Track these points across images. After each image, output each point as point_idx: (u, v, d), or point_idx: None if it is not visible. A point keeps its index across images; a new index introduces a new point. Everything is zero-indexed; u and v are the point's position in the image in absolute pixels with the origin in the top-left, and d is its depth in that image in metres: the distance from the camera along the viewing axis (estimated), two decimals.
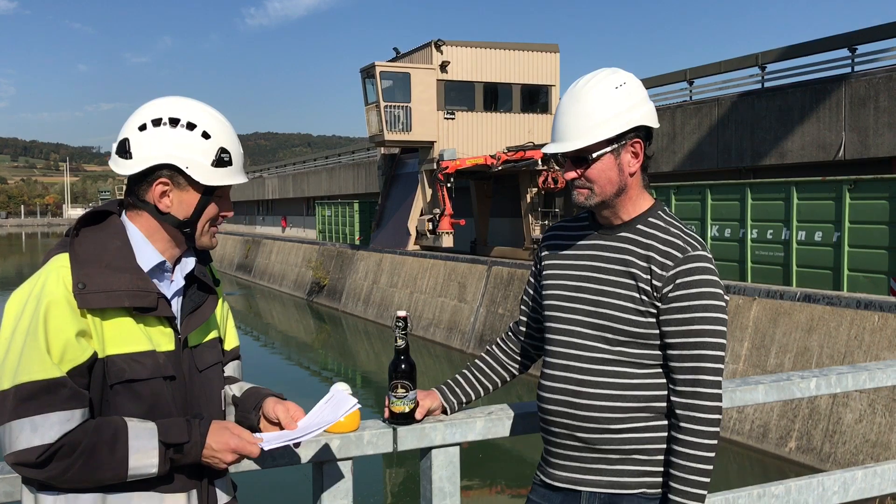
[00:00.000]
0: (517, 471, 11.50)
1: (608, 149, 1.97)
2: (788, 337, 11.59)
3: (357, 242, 28.99)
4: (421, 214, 25.15)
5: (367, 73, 25.12)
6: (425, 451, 2.20)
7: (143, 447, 1.64)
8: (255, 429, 1.88)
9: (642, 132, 1.99)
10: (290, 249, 34.54)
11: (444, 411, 2.28)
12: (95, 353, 1.67)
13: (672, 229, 2.00)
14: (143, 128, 1.76)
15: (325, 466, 2.07)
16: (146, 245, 1.78)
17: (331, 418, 1.87)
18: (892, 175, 11.67)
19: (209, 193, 1.80)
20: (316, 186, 40.26)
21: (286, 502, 9.29)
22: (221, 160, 1.79)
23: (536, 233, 23.67)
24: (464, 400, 2.32)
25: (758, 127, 17.75)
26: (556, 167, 22.92)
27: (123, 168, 1.76)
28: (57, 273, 1.67)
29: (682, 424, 1.94)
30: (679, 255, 1.95)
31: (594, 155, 1.97)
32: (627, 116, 1.96)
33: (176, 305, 1.82)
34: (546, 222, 23.89)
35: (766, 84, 18.67)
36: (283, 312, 29.50)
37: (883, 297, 11.04)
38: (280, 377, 17.98)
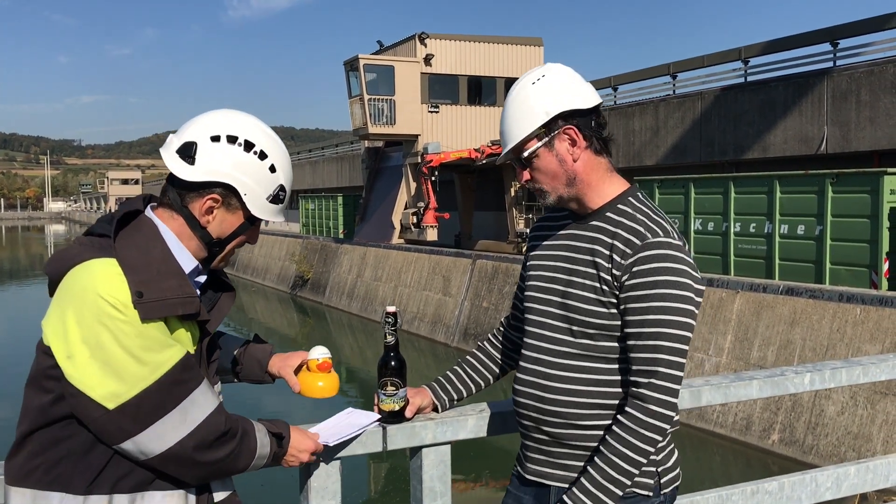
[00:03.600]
0: (508, 465, 11.49)
1: (538, 144, 1.93)
2: (771, 330, 11.65)
3: (341, 236, 28.88)
4: (405, 208, 25.09)
5: (351, 65, 24.99)
6: (415, 450, 2.15)
7: (263, 440, 1.74)
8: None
9: (577, 118, 1.93)
10: (274, 243, 34.36)
11: (436, 409, 2.23)
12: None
13: (638, 215, 1.92)
14: (216, 139, 1.73)
15: (312, 467, 2.02)
16: (181, 249, 1.75)
17: (363, 421, 2.06)
18: (874, 169, 11.75)
19: (251, 222, 1.81)
20: (299, 180, 40.05)
21: None
22: (277, 197, 1.81)
23: (521, 226, 23.68)
24: (455, 397, 2.27)
25: (741, 121, 17.83)
26: None
27: (184, 172, 1.71)
28: (111, 278, 1.60)
29: (628, 410, 1.85)
30: (638, 241, 1.86)
31: (526, 154, 1.95)
32: (546, 108, 1.91)
33: None
34: (530, 216, 23.90)
35: (749, 78, 18.75)
36: (267, 306, 29.35)
37: (864, 290, 11.13)
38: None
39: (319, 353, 2.05)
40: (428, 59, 24.94)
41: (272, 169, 1.77)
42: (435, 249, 21.78)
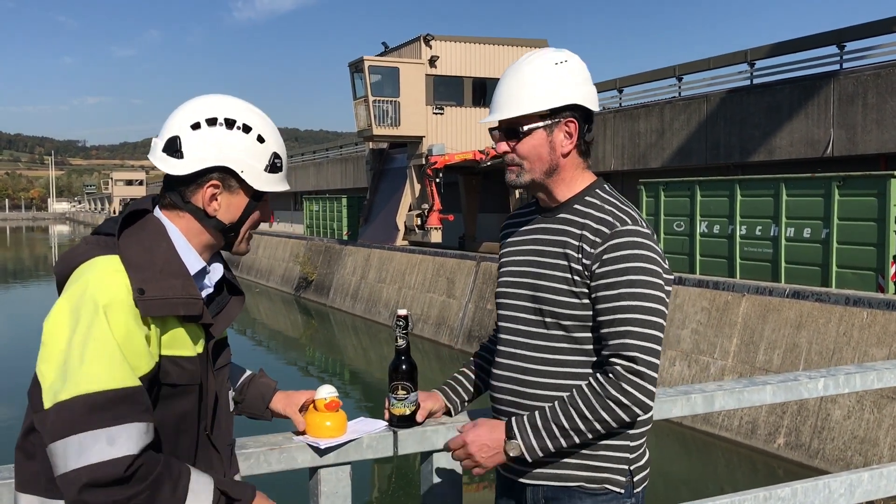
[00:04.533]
0: None
1: (540, 124, 1.92)
2: (777, 333, 11.61)
3: (345, 237, 28.88)
4: (409, 209, 25.08)
5: (356, 67, 24.99)
6: (426, 455, 2.14)
7: (202, 490, 1.58)
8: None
9: (579, 113, 1.93)
10: (278, 244, 34.38)
11: (447, 413, 2.22)
12: (158, 361, 1.60)
13: (606, 206, 1.92)
14: (196, 126, 1.68)
15: (321, 472, 2.00)
16: (188, 250, 1.71)
17: (371, 428, 2.06)
18: (881, 172, 11.71)
19: (257, 199, 1.77)
20: (304, 181, 40.08)
21: None
22: (275, 166, 1.76)
23: None
24: (466, 399, 2.26)
25: (746, 123, 17.78)
26: None
27: (174, 168, 1.68)
28: (112, 276, 1.56)
29: (598, 378, 1.81)
30: (607, 230, 1.86)
31: (525, 128, 1.92)
32: (563, 93, 1.91)
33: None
34: None
35: (755, 80, 18.70)
36: (271, 307, 29.36)
37: (871, 293, 11.08)
38: (267, 374, 17.86)
39: (327, 392, 2.02)
40: (433, 61, 24.94)
41: (260, 139, 1.73)
42: (439, 251, 21.76)
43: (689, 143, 19.23)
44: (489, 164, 22.66)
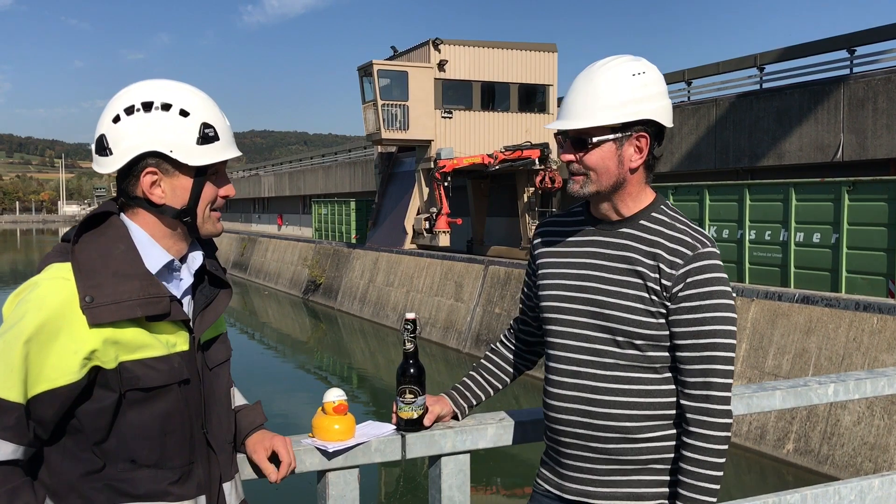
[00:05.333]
0: (525, 472, 11.44)
1: (611, 136, 1.86)
2: (786, 338, 11.56)
3: (353, 241, 28.91)
4: (418, 213, 25.09)
5: (365, 71, 25.04)
6: (434, 459, 2.13)
7: None
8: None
9: (651, 128, 1.88)
10: (286, 247, 34.44)
11: (455, 417, 2.21)
12: (96, 369, 1.55)
13: (678, 225, 1.90)
14: (116, 119, 1.63)
15: (329, 475, 2.00)
16: (152, 245, 1.66)
17: (378, 432, 2.05)
18: (891, 177, 11.65)
19: (202, 174, 1.67)
20: (312, 184, 40.15)
21: None
22: (206, 136, 1.66)
23: (533, 232, 23.60)
24: (474, 403, 2.24)
25: (756, 128, 17.73)
26: (554, 167, 22.89)
27: (105, 166, 1.64)
28: (58, 285, 1.54)
29: (693, 429, 1.85)
30: (689, 252, 1.85)
31: (595, 139, 1.86)
32: (638, 106, 1.84)
33: (187, 303, 1.72)
34: None
35: (765, 85, 18.66)
36: (279, 310, 29.40)
37: (882, 298, 11.01)
38: (275, 377, 17.90)
39: (335, 395, 2.00)
40: (442, 65, 24.96)
41: (183, 113, 1.63)
42: (447, 255, 21.75)
43: (698, 147, 19.18)
44: (497, 168, 22.65)
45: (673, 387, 1.90)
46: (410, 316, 2.07)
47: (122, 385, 1.56)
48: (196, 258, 1.76)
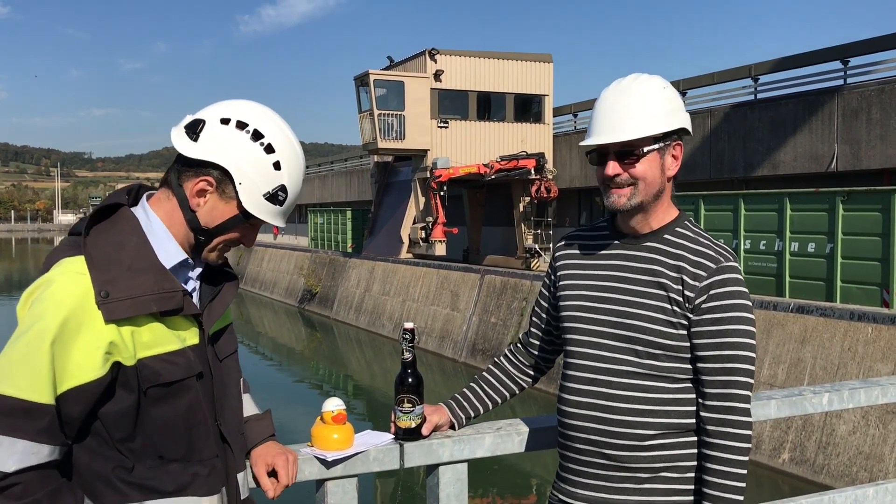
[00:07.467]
0: (524, 482, 11.43)
1: (656, 146, 1.92)
2: (782, 348, 11.59)
3: (349, 250, 28.92)
4: (414, 222, 25.12)
5: (361, 81, 25.12)
6: (432, 468, 2.14)
7: None
8: None
9: (682, 138, 2.00)
10: (282, 257, 34.43)
11: (453, 426, 2.22)
12: (117, 365, 1.53)
13: (702, 239, 1.97)
14: (225, 122, 1.65)
15: (328, 484, 2.01)
16: (167, 239, 1.65)
17: (376, 441, 2.06)
18: (885, 187, 11.72)
19: (245, 218, 1.69)
20: (308, 194, 40.19)
21: None
22: (276, 197, 1.69)
23: (529, 242, 23.66)
24: (472, 414, 2.25)
25: (750, 138, 17.82)
26: (549, 176, 22.96)
27: (184, 147, 1.64)
28: (73, 280, 1.51)
29: (715, 441, 1.89)
30: (712, 265, 1.90)
31: (645, 150, 1.91)
32: (675, 117, 1.94)
33: (196, 296, 1.72)
34: (538, 231, 23.89)
35: (759, 95, 18.76)
36: (275, 320, 29.36)
37: (876, 308, 11.06)
38: (271, 386, 17.86)
39: (334, 404, 2.01)
40: (438, 75, 25.05)
41: (276, 165, 1.67)
42: (443, 264, 21.77)
43: (692, 157, 19.26)
44: (493, 177, 22.71)
45: (687, 396, 1.94)
46: (409, 326, 2.09)
47: (143, 382, 1.55)
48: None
